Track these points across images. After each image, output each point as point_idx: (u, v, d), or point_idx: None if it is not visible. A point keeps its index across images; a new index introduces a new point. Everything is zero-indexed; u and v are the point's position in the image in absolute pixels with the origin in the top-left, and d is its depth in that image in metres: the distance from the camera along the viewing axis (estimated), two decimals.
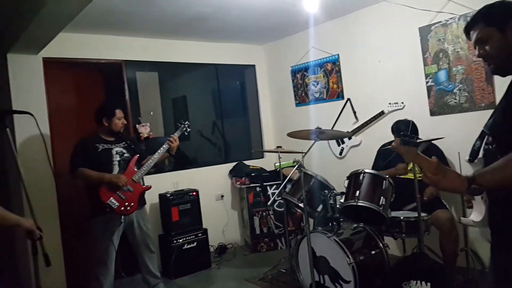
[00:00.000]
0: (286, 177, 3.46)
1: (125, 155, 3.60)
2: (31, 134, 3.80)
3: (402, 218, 3.23)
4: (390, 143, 3.67)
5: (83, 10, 2.95)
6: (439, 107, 3.96)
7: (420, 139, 3.32)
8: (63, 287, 3.98)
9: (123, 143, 3.65)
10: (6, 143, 2.25)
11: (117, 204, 3.36)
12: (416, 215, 3.08)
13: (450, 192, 2.20)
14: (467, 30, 1.61)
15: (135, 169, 3.55)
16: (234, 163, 5.41)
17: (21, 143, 3.78)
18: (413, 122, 3.68)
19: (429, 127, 3.90)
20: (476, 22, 1.57)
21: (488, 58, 1.56)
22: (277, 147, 4.55)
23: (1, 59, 3.91)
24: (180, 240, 4.38)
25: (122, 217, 3.45)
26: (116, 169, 3.51)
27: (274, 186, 5.02)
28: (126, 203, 3.41)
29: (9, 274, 4.07)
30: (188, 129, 3.91)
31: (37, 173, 3.68)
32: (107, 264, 3.45)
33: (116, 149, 3.58)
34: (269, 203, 4.68)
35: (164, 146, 3.65)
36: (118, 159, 3.55)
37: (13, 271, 4.08)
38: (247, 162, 5.46)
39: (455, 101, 3.84)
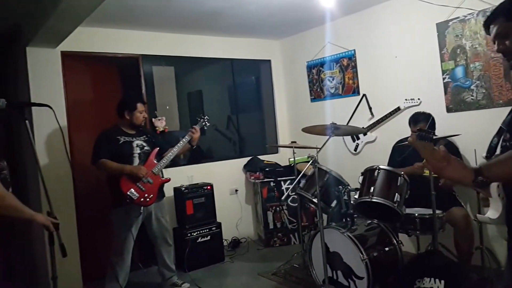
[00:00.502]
0: (300, 172, 3.46)
1: (145, 148, 3.65)
2: (49, 126, 3.87)
3: (416, 215, 3.22)
4: (406, 139, 3.63)
5: (101, 4, 2.98)
6: (455, 103, 3.91)
7: (436, 135, 3.28)
8: (78, 277, 4.05)
9: (144, 136, 3.71)
10: (25, 135, 2.29)
11: (137, 195, 3.42)
12: (431, 212, 3.06)
13: (456, 183, 2.14)
14: (486, 25, 1.59)
15: (155, 162, 3.61)
16: (249, 158, 5.43)
17: (39, 135, 3.84)
18: (430, 115, 3.64)
19: (445, 124, 3.85)
20: (496, 17, 1.54)
21: (507, 53, 1.53)
22: (292, 142, 4.53)
23: (20, 52, 3.99)
24: (194, 234, 4.42)
25: (142, 208, 3.51)
26: (136, 161, 3.58)
27: (288, 181, 5.02)
28: (146, 195, 3.47)
29: (25, 264, 4.16)
30: (208, 124, 3.96)
31: (55, 164, 3.76)
32: (123, 255, 3.51)
33: (137, 142, 3.64)
34: (283, 198, 4.70)
35: (186, 137, 3.71)
36: (138, 151, 3.61)
37: (30, 261, 4.17)
38: (261, 157, 5.47)
39: (472, 98, 3.78)
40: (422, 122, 3.63)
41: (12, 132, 4.44)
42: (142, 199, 3.44)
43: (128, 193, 3.39)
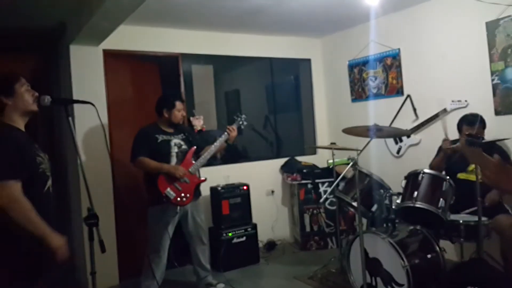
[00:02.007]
0: (340, 174, 3.37)
1: (183, 147, 3.65)
2: (90, 123, 3.96)
3: (461, 221, 3.07)
4: (454, 142, 3.47)
5: (143, 2, 3.01)
6: (505, 106, 3.72)
7: (485, 139, 3.11)
8: (115, 274, 4.13)
9: (182, 134, 3.72)
10: (67, 132, 2.33)
11: (174, 194, 3.43)
12: (477, 219, 2.90)
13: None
14: None
15: (192, 161, 3.61)
16: (286, 159, 5.36)
17: (80, 132, 3.93)
18: (481, 116, 3.47)
19: (493, 127, 3.65)
20: None
21: None
22: (331, 143, 4.44)
23: (64, 50, 4.10)
24: (230, 234, 4.40)
25: (178, 207, 3.51)
26: (173, 160, 3.58)
27: (326, 184, 4.92)
28: (182, 194, 3.47)
29: (66, 260, 4.27)
30: (245, 123, 3.93)
31: (95, 161, 3.83)
32: (160, 253, 3.53)
33: (175, 140, 3.64)
34: (321, 200, 4.59)
35: (223, 136, 3.68)
36: (176, 150, 3.61)
37: (69, 256, 4.27)
38: (299, 158, 5.39)
39: None
40: (477, 124, 3.46)
41: (54, 128, 4.57)
42: (178, 199, 3.45)
43: (165, 192, 3.41)
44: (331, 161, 4.52)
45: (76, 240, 4.14)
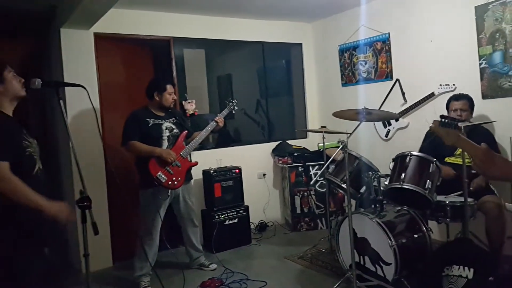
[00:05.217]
0: (330, 157, 3.43)
1: (174, 130, 3.67)
2: (82, 106, 3.95)
3: (447, 202, 3.14)
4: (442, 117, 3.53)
5: None
6: (492, 90, 3.78)
7: (459, 120, 3.17)
8: (108, 255, 4.19)
9: (173, 118, 3.73)
10: (58, 115, 2.34)
11: (165, 178, 3.46)
12: (462, 200, 2.98)
13: (499, 180, 2.08)
14: None
15: (184, 145, 3.64)
16: (277, 142, 5.41)
17: (71, 115, 3.93)
18: (471, 97, 3.57)
19: (480, 110, 3.74)
20: None
21: None
22: (322, 127, 4.49)
23: (55, 33, 4.07)
24: (222, 216, 4.47)
25: (169, 191, 3.55)
26: (165, 144, 3.60)
27: (317, 167, 4.99)
28: (174, 178, 3.51)
29: (58, 241, 4.30)
30: (236, 108, 3.96)
31: (87, 144, 3.84)
32: (152, 235, 3.58)
33: (166, 124, 3.66)
34: (311, 182, 4.68)
35: (212, 124, 3.72)
36: (167, 134, 3.63)
37: (62, 239, 4.31)
38: (290, 142, 5.45)
39: (510, 84, 3.64)
40: (465, 99, 3.54)
41: (45, 112, 4.56)
42: (170, 182, 3.48)
43: (157, 176, 3.43)
44: (321, 144, 4.59)
45: (69, 223, 4.17)
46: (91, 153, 3.92)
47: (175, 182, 3.52)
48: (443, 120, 1.56)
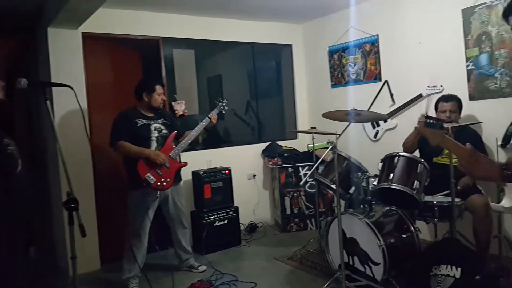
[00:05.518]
0: (319, 158, 3.44)
1: (163, 131, 3.64)
2: (69, 107, 3.90)
3: (435, 202, 3.17)
4: (426, 117, 3.57)
5: None
6: (478, 91, 3.83)
7: (443, 121, 3.20)
8: (96, 257, 4.14)
9: (162, 119, 3.70)
10: (46, 115, 2.30)
11: (154, 179, 3.43)
12: (450, 200, 3.01)
13: (483, 180, 2.10)
14: (505, 16, 1.57)
15: (173, 146, 3.61)
16: (267, 143, 5.41)
17: (59, 116, 3.89)
18: (459, 98, 3.63)
19: (468, 111, 3.80)
20: None
21: None
22: (311, 128, 4.50)
23: (42, 33, 4.03)
24: (212, 217, 4.45)
25: (158, 192, 3.52)
26: (154, 145, 3.57)
27: (306, 167, 5.01)
28: (163, 179, 3.48)
29: (45, 243, 4.26)
30: (226, 108, 3.96)
31: (74, 145, 3.80)
32: (141, 237, 3.55)
33: (155, 125, 3.63)
34: (301, 183, 4.69)
35: (204, 121, 3.71)
36: (156, 135, 3.60)
37: (49, 241, 4.26)
38: (280, 143, 5.45)
39: (496, 85, 3.70)
40: (454, 101, 3.59)
41: (31, 112, 4.51)
42: (159, 184, 3.46)
43: (145, 177, 3.40)
44: (311, 145, 4.60)
45: (56, 225, 4.14)
46: (78, 154, 3.88)
47: (164, 184, 3.49)
48: (428, 120, 1.59)
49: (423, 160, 3.19)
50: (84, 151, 3.90)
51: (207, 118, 3.72)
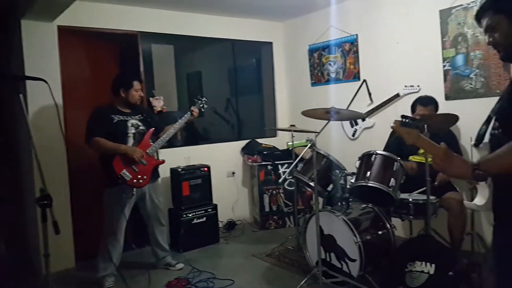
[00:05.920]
0: (298, 156, 3.45)
1: (140, 127, 3.59)
2: (44, 101, 3.80)
3: (410, 200, 3.22)
4: (403, 117, 3.61)
5: None
6: (454, 91, 3.90)
7: (419, 120, 3.24)
8: (71, 256, 4.06)
9: (139, 115, 3.65)
10: (19, 109, 2.24)
11: (130, 176, 3.38)
12: (425, 198, 3.06)
13: (457, 178, 2.15)
14: (477, 18, 1.61)
15: (150, 143, 3.56)
16: (247, 141, 5.41)
17: (32, 111, 3.80)
18: (435, 99, 3.67)
19: (444, 111, 3.82)
20: (486, 10, 1.57)
21: (497, 45, 1.58)
22: (291, 126, 4.51)
23: (15, 25, 3.90)
24: (190, 215, 4.42)
25: (134, 189, 3.47)
26: (130, 141, 3.51)
27: (286, 165, 5.02)
28: (139, 176, 3.43)
29: (18, 241, 4.15)
30: (206, 105, 3.93)
31: (48, 140, 3.70)
32: (117, 235, 3.49)
33: (132, 121, 3.57)
34: (280, 181, 4.70)
35: (185, 116, 3.68)
36: (133, 131, 3.54)
37: (22, 239, 4.16)
38: (259, 140, 5.46)
39: (471, 86, 3.77)
40: (432, 105, 3.64)
41: (4, 106, 4.38)
42: (135, 181, 3.40)
43: (121, 174, 3.34)
44: (290, 143, 4.61)
45: (29, 222, 4.03)
46: (53, 150, 3.77)
47: (140, 181, 3.44)
48: (403, 120, 1.61)
49: (399, 158, 3.23)
50: (58, 147, 3.79)
51: (189, 113, 3.69)
